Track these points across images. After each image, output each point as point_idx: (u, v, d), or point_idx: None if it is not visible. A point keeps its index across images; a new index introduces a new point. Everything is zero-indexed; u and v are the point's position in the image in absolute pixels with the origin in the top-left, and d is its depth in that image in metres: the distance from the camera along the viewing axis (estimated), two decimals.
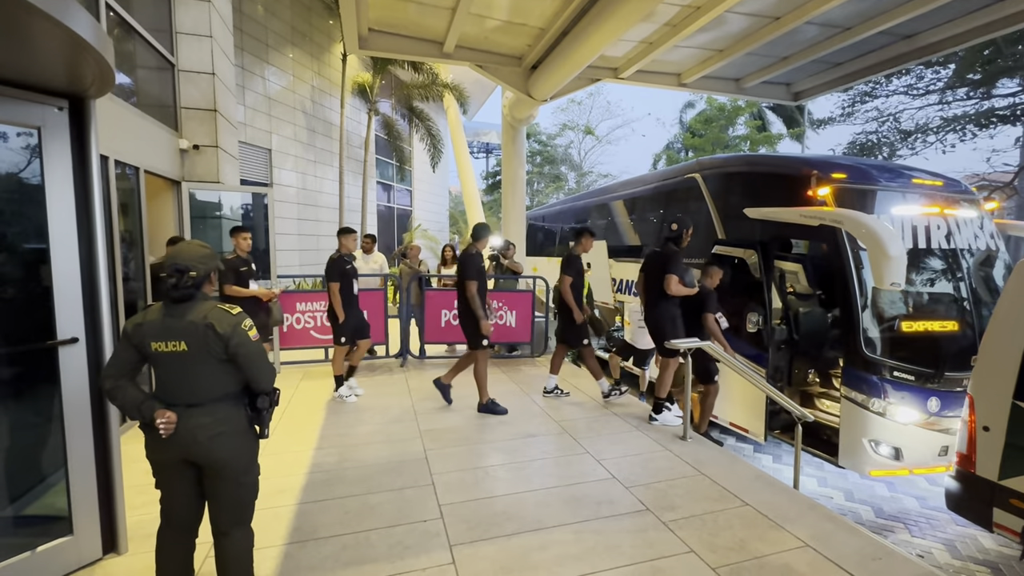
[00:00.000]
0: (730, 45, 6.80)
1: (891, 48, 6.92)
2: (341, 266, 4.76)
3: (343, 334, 4.81)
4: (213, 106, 5.47)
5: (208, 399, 1.84)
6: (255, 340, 1.89)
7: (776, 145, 20.23)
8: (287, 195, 12.35)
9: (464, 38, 6.79)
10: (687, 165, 6.82)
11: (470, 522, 2.80)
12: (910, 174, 5.04)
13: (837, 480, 4.93)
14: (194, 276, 1.83)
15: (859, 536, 2.75)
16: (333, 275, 4.71)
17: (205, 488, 1.91)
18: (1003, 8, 5.70)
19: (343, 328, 4.80)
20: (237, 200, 6.12)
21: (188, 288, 1.82)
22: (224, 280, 4.44)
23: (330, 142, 14.17)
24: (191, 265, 1.83)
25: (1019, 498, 3.05)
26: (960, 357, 4.28)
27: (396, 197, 19.13)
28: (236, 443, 1.88)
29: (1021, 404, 3.05)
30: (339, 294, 4.71)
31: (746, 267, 5.44)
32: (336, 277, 4.71)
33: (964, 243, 4.71)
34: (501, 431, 4.21)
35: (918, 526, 4.11)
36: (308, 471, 3.40)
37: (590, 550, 2.56)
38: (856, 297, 4.36)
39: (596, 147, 29.29)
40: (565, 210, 11.28)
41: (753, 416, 5.01)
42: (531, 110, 8.79)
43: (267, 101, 11.69)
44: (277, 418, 4.31)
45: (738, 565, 2.45)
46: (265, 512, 2.74)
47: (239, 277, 4.65)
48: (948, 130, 13.11)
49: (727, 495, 3.16)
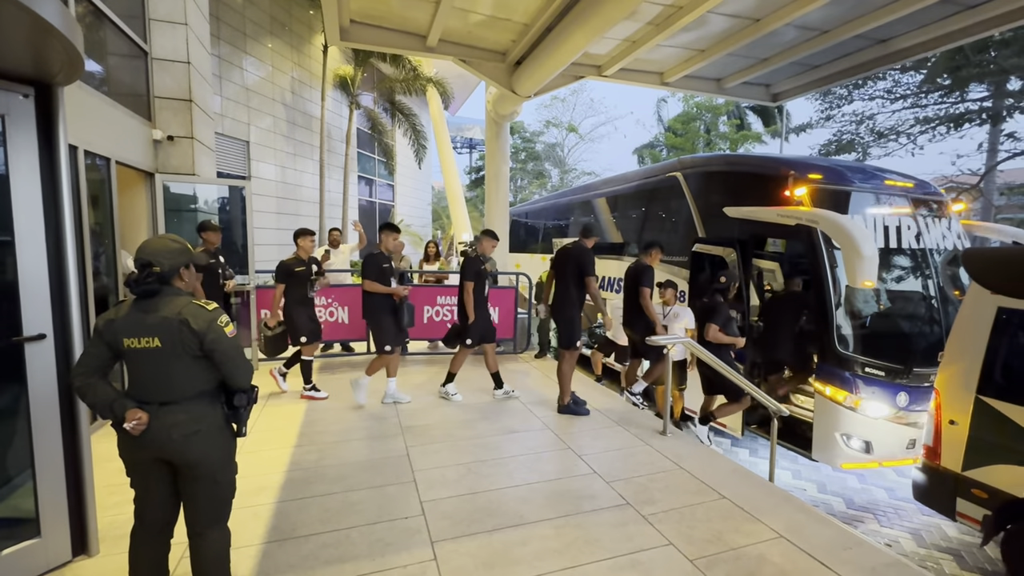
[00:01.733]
0: (712, 45, 6.89)
1: (866, 52, 7.09)
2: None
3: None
4: (188, 96, 5.32)
5: (183, 397, 1.80)
6: (231, 336, 1.85)
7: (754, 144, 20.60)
8: (266, 188, 12.11)
9: (448, 32, 6.74)
10: (668, 164, 6.90)
11: (452, 518, 2.80)
12: (883, 176, 5.19)
13: (811, 472, 5.06)
14: (158, 271, 1.78)
15: (831, 527, 2.83)
16: (370, 273, 4.65)
17: (180, 487, 1.88)
18: (972, 16, 5.89)
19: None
20: (213, 193, 5.98)
21: (150, 283, 1.77)
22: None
23: (310, 135, 13.92)
24: (155, 259, 1.79)
25: (981, 488, 3.18)
26: (928, 353, 4.44)
27: (378, 192, 18.93)
28: (212, 441, 1.85)
29: (984, 399, 3.18)
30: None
31: (725, 265, 5.53)
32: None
33: (932, 243, 4.87)
34: (484, 427, 4.21)
35: (886, 516, 4.25)
36: (287, 469, 3.36)
37: (571, 544, 2.58)
38: (830, 295, 4.48)
39: (579, 144, 29.37)
40: (548, 207, 11.31)
41: None
42: (515, 106, 8.77)
43: (245, 92, 11.43)
44: (255, 416, 4.24)
45: (715, 557, 2.51)
46: (243, 511, 2.70)
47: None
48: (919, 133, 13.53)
49: (705, 488, 3.22)
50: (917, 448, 4.11)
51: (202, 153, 5.60)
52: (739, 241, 5.26)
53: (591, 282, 4.38)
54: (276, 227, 12.45)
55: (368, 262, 4.55)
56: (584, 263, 4.42)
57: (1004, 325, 3.16)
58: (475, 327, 4.75)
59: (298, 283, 4.80)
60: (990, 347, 3.19)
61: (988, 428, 3.16)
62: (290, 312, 4.81)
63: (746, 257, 5.23)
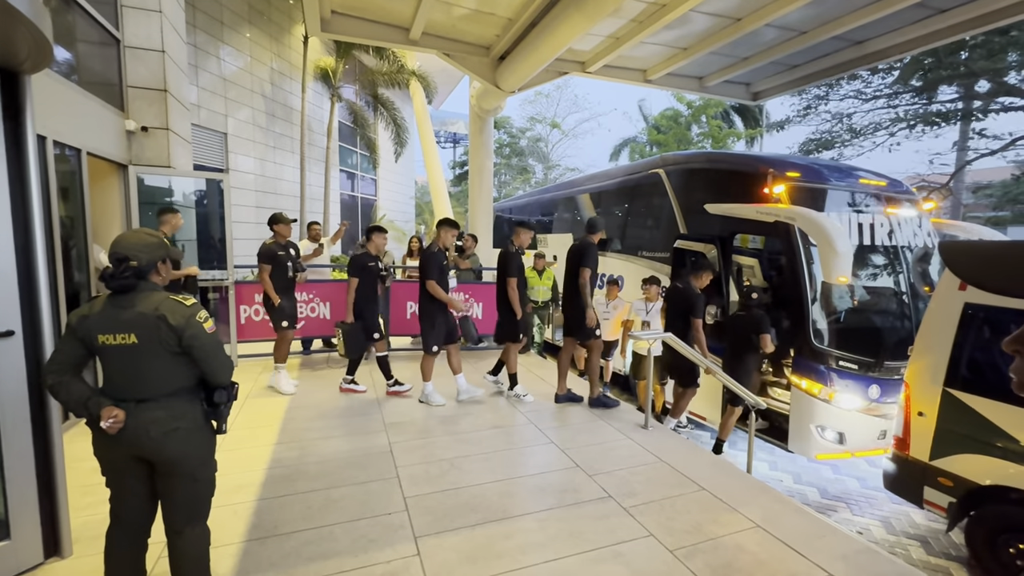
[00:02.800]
0: (694, 44, 6.97)
1: (843, 53, 7.27)
2: (363, 262, 4.70)
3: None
4: (163, 86, 5.17)
5: (161, 394, 1.77)
6: (211, 332, 1.82)
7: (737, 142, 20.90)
8: (245, 182, 11.86)
9: (431, 25, 6.68)
10: (651, 161, 6.96)
11: (435, 513, 2.81)
12: (857, 174, 5.32)
13: (787, 464, 5.20)
14: (134, 266, 1.74)
15: (805, 516, 2.92)
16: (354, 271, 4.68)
17: (158, 486, 1.84)
18: (944, 19, 6.07)
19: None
20: (190, 186, 5.83)
21: (126, 278, 1.73)
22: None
23: (291, 127, 13.67)
24: (131, 254, 1.75)
25: (946, 477, 3.31)
26: (899, 347, 4.58)
27: (360, 186, 18.69)
28: (191, 439, 1.82)
29: (951, 391, 3.30)
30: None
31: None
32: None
33: (904, 240, 5.02)
34: (467, 423, 4.22)
35: (858, 505, 4.39)
36: (268, 466, 3.32)
37: (554, 537, 2.61)
38: (807, 290, 4.59)
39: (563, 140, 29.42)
40: (532, 202, 11.33)
41: (710, 405, 5.21)
42: (499, 101, 8.75)
43: (222, 82, 11.15)
44: (235, 413, 4.17)
45: (694, 547, 2.57)
46: (223, 509, 2.66)
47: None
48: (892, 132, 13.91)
49: (685, 481, 3.29)
50: (888, 439, 4.25)
51: (178, 145, 5.46)
52: (720, 237, 5.35)
53: (584, 272, 4.37)
54: (255, 221, 12.22)
55: (428, 261, 4.42)
56: (584, 255, 4.40)
57: (970, 320, 3.28)
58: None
59: (281, 268, 4.75)
60: (957, 342, 3.31)
61: (954, 419, 3.28)
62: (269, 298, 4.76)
63: (726, 253, 5.32)
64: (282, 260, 4.78)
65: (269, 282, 4.67)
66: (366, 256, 4.72)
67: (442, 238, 4.53)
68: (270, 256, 4.70)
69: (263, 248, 4.73)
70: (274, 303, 4.72)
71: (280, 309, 4.76)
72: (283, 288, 4.80)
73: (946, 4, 5.83)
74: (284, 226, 4.82)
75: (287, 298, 4.84)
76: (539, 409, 4.60)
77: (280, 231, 4.81)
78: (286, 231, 4.85)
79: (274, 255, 4.71)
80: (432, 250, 4.46)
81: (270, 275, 4.67)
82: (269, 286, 4.68)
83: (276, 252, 4.73)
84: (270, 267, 4.68)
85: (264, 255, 4.70)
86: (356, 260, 4.67)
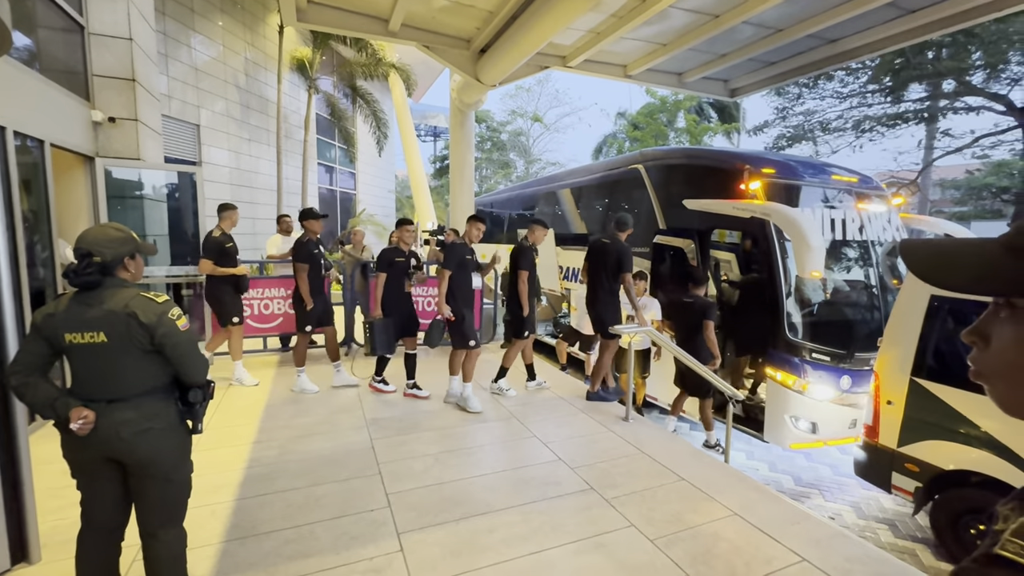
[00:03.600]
0: (673, 40, 7.02)
1: (817, 51, 7.41)
2: (390, 257, 4.54)
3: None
4: (131, 75, 4.99)
5: (132, 393, 1.72)
6: (184, 329, 1.77)
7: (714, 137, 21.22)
8: (219, 175, 11.54)
9: (411, 17, 6.59)
10: (631, 156, 7.02)
11: (418, 509, 2.80)
12: (830, 170, 5.45)
13: (763, 453, 5.33)
14: (98, 261, 1.68)
15: (780, 503, 3.00)
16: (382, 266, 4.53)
17: (131, 488, 1.80)
18: (913, 20, 6.25)
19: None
20: (161, 179, 5.66)
21: (90, 274, 1.67)
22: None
23: (266, 119, 13.34)
24: (94, 249, 1.69)
25: (913, 463, 3.44)
26: (869, 339, 4.73)
27: (339, 180, 18.38)
28: (165, 439, 1.77)
29: (918, 380, 3.43)
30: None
31: (684, 256, 5.70)
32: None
33: (874, 235, 5.17)
34: (450, 418, 4.21)
35: (831, 491, 4.53)
36: (247, 466, 3.26)
37: (537, 530, 2.64)
38: (782, 284, 4.69)
39: (544, 135, 29.41)
40: (514, 197, 11.31)
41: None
42: (480, 94, 8.69)
43: (194, 72, 10.81)
44: (212, 412, 4.09)
45: (674, 536, 2.62)
46: (200, 510, 2.61)
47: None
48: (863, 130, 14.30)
49: (665, 471, 3.35)
50: (859, 427, 4.39)
51: (148, 136, 5.28)
52: (698, 232, 5.43)
53: (627, 278, 4.47)
54: None
55: (450, 253, 4.32)
56: (623, 259, 4.46)
57: (936, 312, 3.40)
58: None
59: (315, 267, 4.59)
60: (923, 333, 3.43)
61: (921, 407, 3.41)
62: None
63: (704, 248, 5.40)
64: (316, 259, 4.58)
65: (306, 282, 4.45)
66: (394, 251, 4.55)
67: (468, 232, 4.45)
68: (307, 255, 4.47)
69: (298, 246, 4.51)
70: (307, 305, 4.51)
71: (310, 312, 4.56)
72: (315, 289, 4.59)
73: (915, 4, 5.99)
74: (315, 222, 4.61)
75: (318, 299, 4.63)
76: (522, 403, 4.62)
77: (311, 227, 4.59)
78: (317, 227, 4.63)
79: (310, 254, 4.50)
80: (455, 243, 4.43)
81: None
82: (305, 287, 4.46)
83: (311, 251, 4.51)
84: (307, 266, 4.46)
85: (300, 254, 4.48)
86: (384, 255, 4.49)
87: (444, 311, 4.27)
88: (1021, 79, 11.69)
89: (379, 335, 4.45)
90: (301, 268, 4.47)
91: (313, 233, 4.61)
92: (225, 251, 4.66)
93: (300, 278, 4.48)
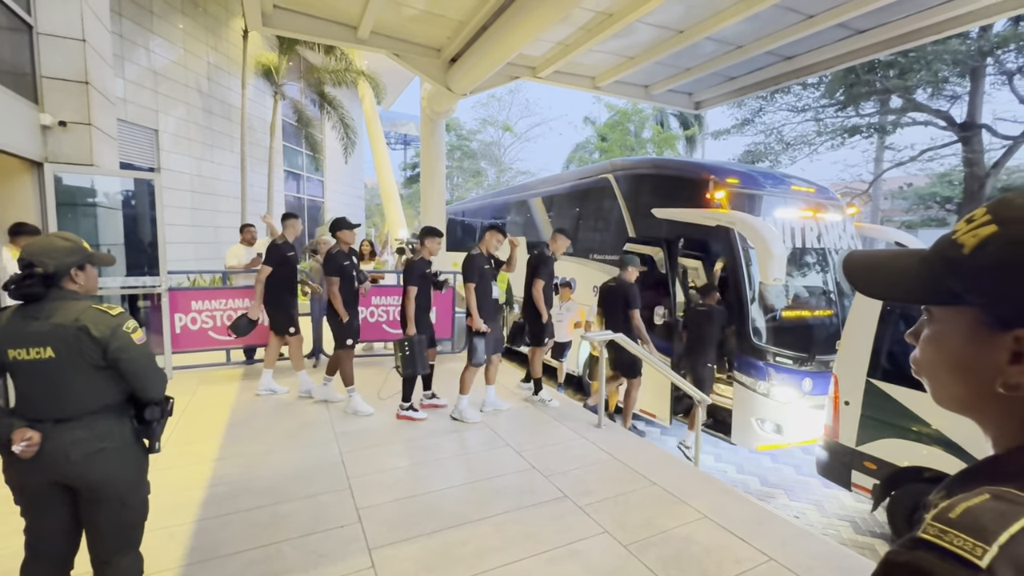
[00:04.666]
0: (640, 53, 7.23)
1: (775, 67, 7.77)
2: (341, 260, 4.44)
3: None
4: (84, 77, 4.78)
5: (83, 412, 1.63)
6: (140, 343, 1.69)
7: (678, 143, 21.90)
8: (179, 182, 11.15)
9: (380, 24, 6.56)
10: (600, 166, 7.14)
11: (390, 523, 2.74)
12: (790, 181, 5.69)
13: (730, 455, 5.46)
14: (40, 272, 1.59)
15: (748, 504, 3.08)
16: (331, 270, 4.39)
17: (82, 513, 1.69)
18: (861, 40, 6.63)
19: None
20: (116, 186, 5.42)
21: (30, 286, 1.58)
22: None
23: (230, 125, 12.98)
24: (36, 260, 1.60)
25: (871, 460, 3.59)
26: (828, 342, 4.93)
27: (306, 188, 18.02)
28: (120, 460, 1.68)
29: (873, 381, 3.59)
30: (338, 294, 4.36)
31: (653, 263, 5.83)
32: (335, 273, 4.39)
33: (831, 242, 5.41)
34: (421, 429, 4.16)
35: (794, 491, 4.67)
36: (208, 485, 3.13)
37: (511, 540, 2.62)
38: (746, 291, 4.85)
39: (515, 144, 29.65)
40: (485, 205, 11.33)
41: (659, 402, 5.39)
42: (451, 103, 8.71)
43: (153, 75, 10.45)
44: (171, 429, 3.90)
45: (646, 540, 2.65)
46: (157, 533, 2.48)
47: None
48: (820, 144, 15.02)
49: (637, 477, 3.39)
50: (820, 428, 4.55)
51: (101, 141, 5.05)
52: (666, 241, 5.56)
53: (635, 315, 4.74)
54: (192, 224, 11.52)
55: (469, 264, 4.27)
56: (630, 298, 4.78)
57: (888, 316, 3.58)
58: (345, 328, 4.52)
59: (348, 280, 4.51)
60: (877, 335, 3.60)
61: (876, 407, 3.57)
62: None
63: (672, 256, 5.53)
64: (348, 271, 4.43)
65: (339, 297, 4.30)
66: (423, 263, 4.38)
67: (486, 243, 4.40)
68: (338, 267, 4.32)
69: (330, 259, 4.36)
70: (342, 319, 4.35)
71: (348, 325, 4.40)
72: (349, 302, 4.44)
73: (863, 25, 6.36)
74: (349, 232, 4.47)
75: (352, 313, 4.48)
76: (494, 413, 4.60)
77: (344, 238, 4.44)
78: (350, 237, 4.50)
79: (341, 266, 4.35)
80: (473, 253, 4.39)
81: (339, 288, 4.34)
82: (339, 301, 4.30)
83: (343, 263, 4.37)
84: (339, 279, 4.31)
85: (332, 267, 4.32)
86: (414, 267, 4.29)
87: (479, 325, 4.26)
88: (960, 96, 12.52)
89: (419, 353, 4.26)
90: (332, 282, 4.32)
91: (346, 244, 4.49)
92: (287, 260, 4.66)
93: (332, 292, 4.32)
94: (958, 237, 0.49)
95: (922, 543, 0.41)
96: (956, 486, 0.47)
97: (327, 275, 4.36)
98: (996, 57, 11.49)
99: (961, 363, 0.51)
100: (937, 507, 0.43)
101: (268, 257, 4.62)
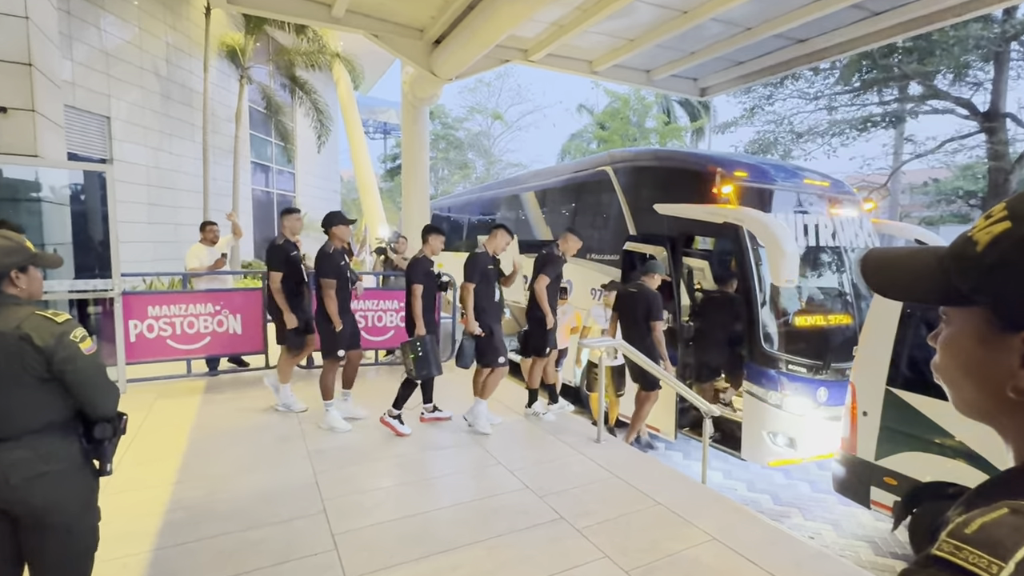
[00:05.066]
0: (640, 35, 7.28)
1: (786, 51, 7.86)
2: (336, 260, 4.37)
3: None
4: (27, 58, 4.71)
5: (24, 431, 1.60)
6: (89, 354, 1.67)
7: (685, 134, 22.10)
8: (134, 175, 11.01)
9: (357, 2, 6.54)
10: (598, 157, 7.18)
11: (371, 550, 2.72)
12: (802, 174, 5.75)
13: (740, 471, 5.49)
14: None
15: (759, 524, 3.10)
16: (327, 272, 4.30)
17: (24, 543, 1.66)
18: (878, 22, 6.74)
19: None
20: (64, 179, 5.34)
21: None
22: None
23: (191, 112, 12.86)
24: None
25: (892, 476, 3.63)
26: (845, 348, 4.98)
27: (276, 181, 17.90)
28: (65, 484, 1.66)
29: (893, 390, 3.63)
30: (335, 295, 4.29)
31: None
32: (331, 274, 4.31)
33: (847, 240, 5.47)
34: (405, 445, 4.14)
35: (810, 509, 4.71)
36: (167, 509, 3.08)
37: (504, 565, 2.61)
38: (756, 293, 4.89)
39: (505, 133, 29.70)
40: (473, 200, 11.33)
41: (663, 414, 5.41)
42: (435, 89, 8.70)
43: (104, 57, 10.32)
44: (123, 449, 3.84)
45: (650, 565, 2.65)
46: (108, 564, 2.44)
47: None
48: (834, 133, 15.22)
49: (640, 496, 3.39)
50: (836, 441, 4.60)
51: (46, 129, 4.98)
52: (669, 238, 5.59)
53: (657, 327, 4.79)
54: (148, 221, 11.38)
55: (470, 263, 4.28)
56: (652, 307, 4.82)
57: (908, 319, 3.63)
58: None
59: (343, 282, 4.43)
60: (897, 340, 3.65)
61: (897, 418, 3.61)
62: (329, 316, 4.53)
63: (676, 255, 5.57)
64: (345, 272, 4.33)
65: (335, 301, 4.19)
66: (426, 260, 4.36)
67: (492, 242, 4.49)
68: (335, 268, 4.20)
69: (323, 258, 4.24)
70: (336, 327, 4.24)
71: (340, 334, 4.29)
72: (343, 307, 4.34)
73: (879, 7, 6.47)
74: (344, 228, 4.38)
75: (347, 320, 4.39)
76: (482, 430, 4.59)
77: (339, 234, 4.34)
78: (345, 233, 4.41)
79: (338, 267, 4.23)
80: (476, 252, 4.41)
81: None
82: (334, 306, 4.20)
83: (339, 263, 4.25)
84: (335, 282, 4.19)
85: (328, 268, 4.21)
86: (418, 265, 4.27)
87: (473, 327, 4.28)
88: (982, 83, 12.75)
89: (432, 353, 4.26)
90: (328, 284, 4.21)
91: (341, 241, 4.38)
92: (290, 260, 4.55)
93: (326, 295, 4.22)
94: (974, 234, 0.50)
95: (936, 560, 0.42)
96: (974, 500, 0.48)
97: (321, 277, 4.26)
98: (1022, 42, 11.74)
99: (974, 367, 0.52)
100: (954, 522, 0.44)
101: (271, 261, 4.53)
